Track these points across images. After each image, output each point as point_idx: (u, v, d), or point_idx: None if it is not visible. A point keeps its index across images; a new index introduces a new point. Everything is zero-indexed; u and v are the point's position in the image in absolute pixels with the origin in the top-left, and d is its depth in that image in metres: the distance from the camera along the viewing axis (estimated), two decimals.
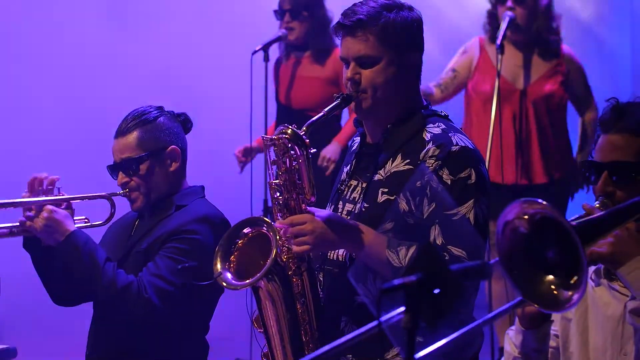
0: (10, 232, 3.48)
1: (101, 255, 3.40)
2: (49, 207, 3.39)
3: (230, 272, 3.03)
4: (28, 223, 3.39)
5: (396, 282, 1.89)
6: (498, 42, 5.21)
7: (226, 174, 6.95)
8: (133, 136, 3.53)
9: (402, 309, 1.90)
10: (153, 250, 3.47)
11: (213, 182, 6.86)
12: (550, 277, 2.22)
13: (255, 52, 5.80)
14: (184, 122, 3.67)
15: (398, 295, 1.90)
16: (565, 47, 5.52)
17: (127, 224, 3.65)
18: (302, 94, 5.88)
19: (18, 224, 3.44)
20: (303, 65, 5.91)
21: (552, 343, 2.72)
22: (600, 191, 2.60)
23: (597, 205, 2.54)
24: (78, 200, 3.49)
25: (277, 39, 5.89)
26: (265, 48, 5.81)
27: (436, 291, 1.90)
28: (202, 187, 3.70)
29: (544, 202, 2.20)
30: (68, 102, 6.62)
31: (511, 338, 2.67)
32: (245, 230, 3.05)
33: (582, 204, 2.50)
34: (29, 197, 3.44)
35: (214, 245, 3.42)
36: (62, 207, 3.44)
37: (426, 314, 1.91)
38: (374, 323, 1.99)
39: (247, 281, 2.97)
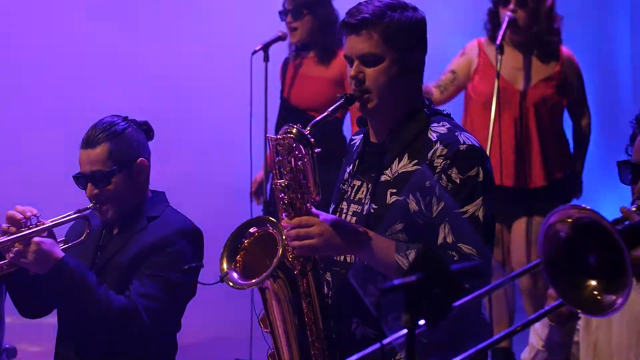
0: (1, 270, 3.48)
1: (92, 279, 3.42)
2: (36, 239, 3.39)
3: (236, 272, 3.03)
4: (22, 260, 3.38)
5: (396, 282, 1.89)
6: (497, 42, 5.22)
7: (226, 174, 6.96)
8: (103, 148, 3.53)
9: (404, 331, 1.91)
10: (134, 267, 3.49)
11: (212, 182, 6.89)
12: (593, 282, 2.21)
13: (255, 52, 5.80)
14: (147, 132, 3.67)
15: (399, 295, 1.90)
16: (565, 50, 5.50)
17: (92, 235, 3.61)
18: (306, 93, 5.87)
19: (7, 261, 3.43)
20: (307, 65, 5.90)
21: (576, 338, 2.73)
22: (639, 192, 2.61)
23: (634, 209, 2.52)
24: (58, 226, 3.49)
25: (277, 39, 5.88)
26: (265, 48, 5.80)
27: (436, 291, 1.90)
28: (164, 194, 3.71)
29: (588, 207, 2.19)
30: (64, 101, 6.61)
31: (537, 330, 2.68)
32: (252, 230, 3.05)
33: (620, 207, 2.49)
34: (7, 229, 3.42)
35: (192, 256, 3.51)
36: (44, 235, 3.43)
37: (427, 313, 1.91)
38: (376, 345, 2.02)
39: (254, 281, 2.98)
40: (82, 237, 3.54)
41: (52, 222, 3.46)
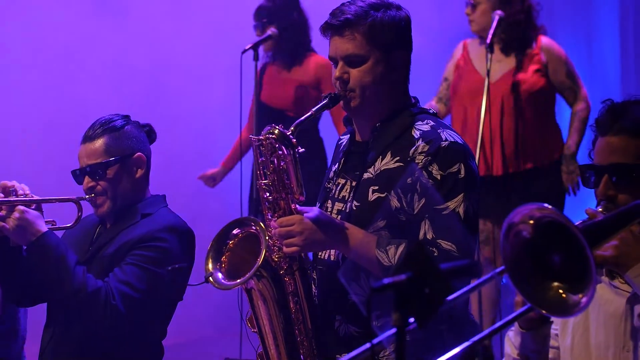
0: None
1: (72, 258, 3.39)
2: (21, 207, 3.38)
3: (221, 272, 3.04)
4: (3, 225, 3.37)
5: (386, 281, 1.89)
6: (488, 40, 5.25)
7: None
8: (100, 142, 3.56)
9: (394, 330, 1.91)
10: (119, 256, 3.47)
11: (201, 182, 6.87)
12: (557, 282, 2.20)
13: (245, 51, 5.81)
14: (149, 133, 3.71)
15: (388, 294, 1.91)
16: (544, 39, 5.49)
17: (87, 230, 3.65)
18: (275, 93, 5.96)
19: None
20: (277, 68, 5.99)
21: (553, 343, 2.70)
22: (602, 195, 2.58)
23: (601, 209, 2.52)
24: (47, 203, 3.47)
25: (268, 38, 5.90)
26: (255, 47, 5.81)
27: (426, 290, 1.90)
28: (164, 197, 3.71)
29: (550, 207, 2.18)
30: (54, 101, 6.59)
31: (511, 339, 2.64)
32: (235, 231, 3.06)
33: (585, 209, 2.48)
34: None
35: (180, 254, 3.48)
36: (32, 208, 3.42)
37: (416, 312, 1.91)
38: (367, 346, 2.02)
39: (238, 281, 2.98)
40: (71, 224, 3.54)
41: (42, 198, 3.46)
